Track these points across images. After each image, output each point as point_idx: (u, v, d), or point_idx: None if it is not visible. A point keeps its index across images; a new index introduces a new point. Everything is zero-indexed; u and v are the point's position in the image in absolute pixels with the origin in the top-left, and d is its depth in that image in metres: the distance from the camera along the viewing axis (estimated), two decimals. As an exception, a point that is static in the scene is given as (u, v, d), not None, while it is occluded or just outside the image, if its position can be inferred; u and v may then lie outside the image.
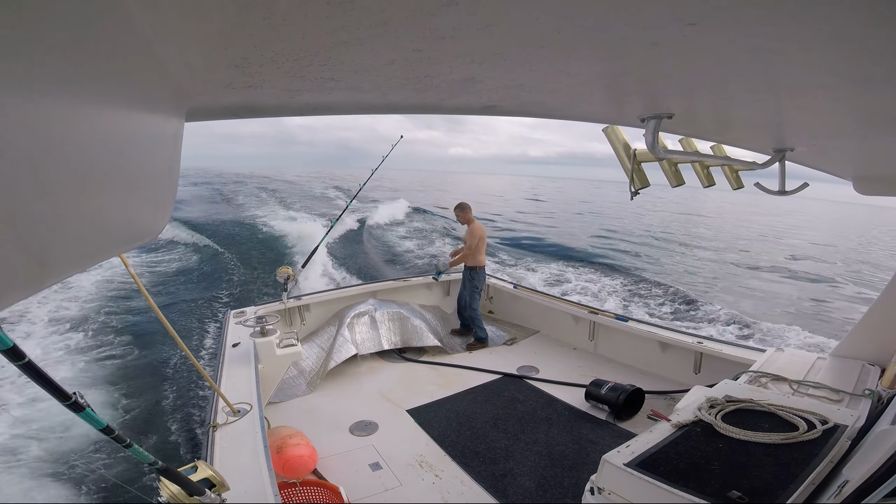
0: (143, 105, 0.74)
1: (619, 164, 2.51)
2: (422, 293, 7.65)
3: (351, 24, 0.80)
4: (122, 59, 0.58)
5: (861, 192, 3.57)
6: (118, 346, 8.49)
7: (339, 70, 1.09)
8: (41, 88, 0.44)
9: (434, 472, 3.86)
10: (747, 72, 1.21)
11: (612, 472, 2.30)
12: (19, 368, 1.12)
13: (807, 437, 2.40)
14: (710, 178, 2.85)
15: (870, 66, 1.08)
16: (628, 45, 0.99)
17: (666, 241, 28.03)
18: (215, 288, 12.69)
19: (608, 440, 4.24)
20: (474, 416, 4.73)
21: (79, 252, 0.60)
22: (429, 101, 1.55)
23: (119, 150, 0.66)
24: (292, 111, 1.62)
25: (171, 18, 0.61)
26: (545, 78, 1.30)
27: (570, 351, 6.46)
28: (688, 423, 2.66)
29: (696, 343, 5.14)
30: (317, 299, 6.70)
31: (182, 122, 1.00)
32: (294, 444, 3.60)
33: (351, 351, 5.76)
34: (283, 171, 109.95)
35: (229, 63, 0.96)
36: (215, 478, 2.12)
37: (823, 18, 0.82)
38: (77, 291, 11.25)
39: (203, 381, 6.23)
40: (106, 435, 1.53)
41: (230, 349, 4.46)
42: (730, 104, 1.69)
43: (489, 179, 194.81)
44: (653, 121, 1.81)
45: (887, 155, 2.62)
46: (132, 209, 0.77)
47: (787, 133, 2.21)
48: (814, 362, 3.80)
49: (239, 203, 31.67)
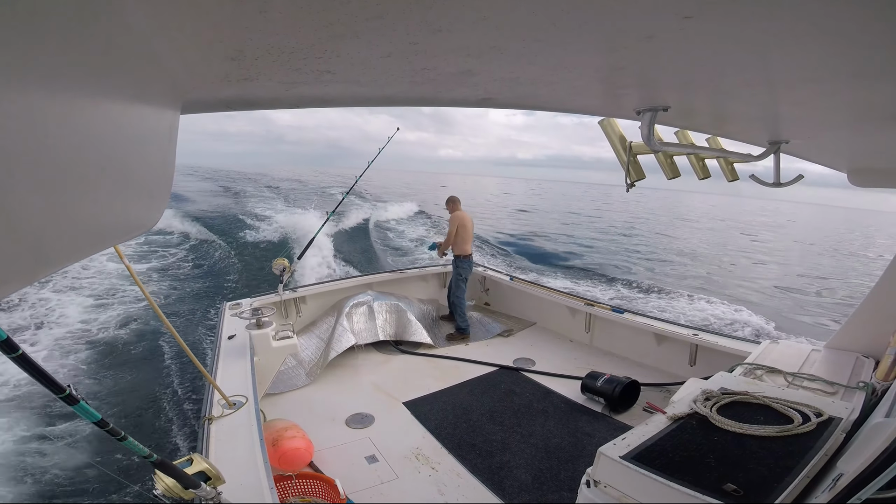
0: (138, 98, 0.73)
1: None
2: (419, 285, 7.66)
3: (347, 16, 0.79)
4: (118, 52, 0.58)
5: (855, 184, 3.58)
6: (113, 337, 8.47)
7: (336, 63, 1.09)
8: (36, 82, 0.43)
9: (430, 465, 3.87)
10: (743, 65, 1.21)
11: (608, 465, 2.31)
12: (13, 361, 1.12)
13: (802, 430, 2.42)
14: (706, 171, 2.85)
15: (864, 60, 1.09)
16: (624, 38, 0.99)
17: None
18: (212, 279, 12.68)
19: (604, 432, 4.26)
20: (471, 409, 4.75)
21: (74, 244, 0.60)
22: (425, 93, 1.55)
23: (114, 142, 0.65)
24: (288, 104, 1.61)
25: (166, 12, 0.61)
26: (542, 71, 1.29)
27: (567, 343, 6.49)
28: (683, 416, 2.67)
29: (691, 335, 5.17)
30: (312, 291, 6.70)
31: (177, 114, 1.00)
32: (290, 436, 3.61)
33: (350, 340, 5.77)
34: (274, 170, 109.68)
35: (225, 56, 0.95)
36: (211, 471, 2.11)
37: (818, 13, 0.82)
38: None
39: (198, 374, 6.24)
40: (100, 428, 1.53)
41: (226, 341, 4.46)
42: (725, 97, 1.69)
43: (478, 181, 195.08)
44: (649, 113, 1.81)
45: (881, 147, 2.62)
46: (127, 201, 0.77)
47: (782, 126, 2.21)
48: (808, 354, 3.82)
49: (239, 197, 31.59)
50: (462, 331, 6.65)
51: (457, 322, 6.73)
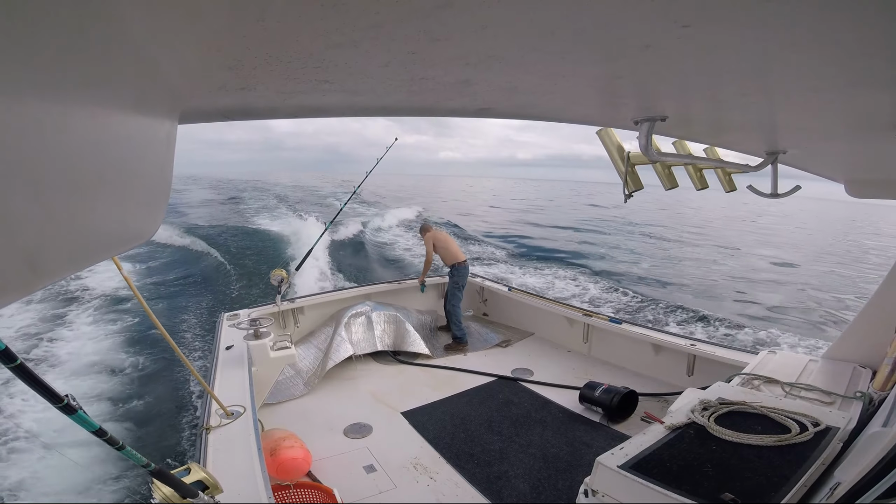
0: (135, 107, 0.73)
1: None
2: (417, 296, 7.65)
3: (345, 25, 0.80)
4: (115, 61, 0.58)
5: (853, 195, 3.59)
6: (111, 348, 8.44)
7: (334, 72, 1.09)
8: (33, 90, 0.43)
9: (428, 475, 3.85)
10: (740, 74, 1.21)
11: (605, 475, 2.31)
12: (11, 371, 1.11)
13: (799, 440, 2.42)
14: (704, 181, 2.86)
15: (862, 69, 1.09)
16: (622, 47, 1.00)
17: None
18: (209, 290, 12.64)
19: (602, 442, 4.24)
20: (469, 419, 4.73)
21: (71, 254, 0.60)
22: (423, 103, 1.55)
23: (112, 152, 0.65)
24: (286, 113, 1.62)
25: (164, 20, 0.61)
26: (540, 81, 1.30)
27: (565, 353, 6.47)
28: (681, 426, 2.67)
29: (689, 345, 5.16)
30: (310, 302, 6.68)
31: (175, 124, 1.00)
32: (288, 446, 3.59)
33: (348, 350, 5.76)
34: (271, 177, 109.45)
35: (223, 65, 0.95)
36: (208, 480, 2.10)
37: (815, 22, 0.82)
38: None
39: (196, 384, 6.20)
40: (98, 437, 1.52)
41: (224, 352, 4.44)
42: (723, 107, 1.70)
43: (479, 182, 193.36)
44: (646, 123, 1.82)
45: (879, 158, 2.64)
46: (125, 211, 0.77)
47: (780, 136, 2.22)
48: (806, 364, 3.82)
49: (237, 207, 31.56)
50: (459, 340, 6.64)
51: (453, 331, 6.72)
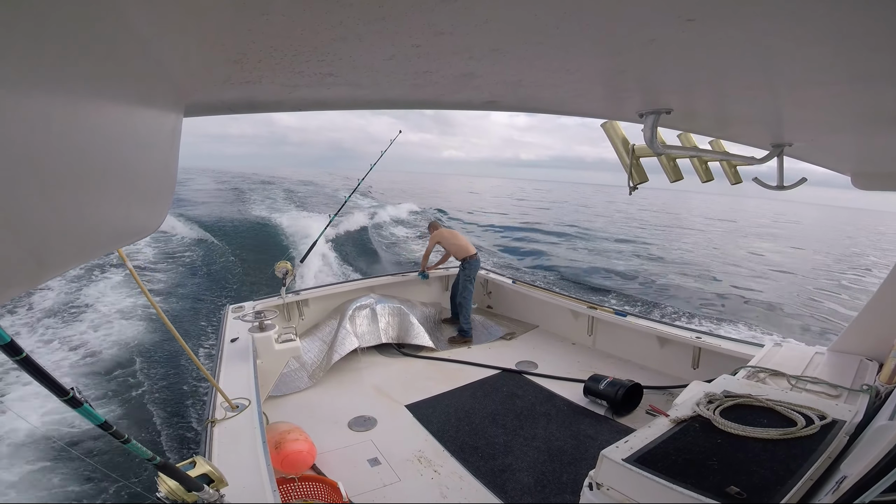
0: (141, 101, 0.74)
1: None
2: (421, 288, 7.66)
3: (349, 19, 0.80)
4: (120, 55, 0.58)
5: (859, 188, 3.57)
6: (115, 340, 8.48)
7: (338, 65, 1.09)
8: (39, 86, 0.43)
9: (433, 468, 3.87)
10: (745, 68, 1.20)
11: (610, 468, 2.31)
12: (17, 363, 1.12)
13: (805, 433, 2.41)
14: (709, 174, 2.85)
15: (868, 62, 1.08)
16: (627, 41, 0.99)
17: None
18: (214, 283, 12.67)
19: (607, 435, 4.25)
20: (473, 412, 4.74)
21: (76, 248, 0.60)
22: (428, 96, 1.55)
23: (117, 146, 0.65)
24: (290, 106, 1.62)
25: (168, 15, 0.61)
26: (544, 74, 1.29)
27: (569, 346, 6.48)
28: (686, 419, 2.66)
29: (694, 338, 5.15)
30: (315, 294, 6.70)
31: (180, 117, 1.00)
32: (292, 439, 3.61)
33: (353, 343, 5.78)
34: (276, 171, 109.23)
35: (227, 59, 0.95)
36: (213, 473, 2.12)
37: (821, 15, 0.82)
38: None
39: (201, 376, 6.23)
40: (104, 430, 1.53)
41: (228, 344, 4.46)
42: (728, 100, 1.69)
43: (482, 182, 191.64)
44: (651, 116, 1.81)
45: (886, 151, 2.61)
46: (130, 205, 0.77)
47: (786, 129, 2.21)
48: (812, 357, 3.81)
49: (241, 199, 31.56)
50: (464, 333, 6.65)
51: (460, 324, 6.72)
